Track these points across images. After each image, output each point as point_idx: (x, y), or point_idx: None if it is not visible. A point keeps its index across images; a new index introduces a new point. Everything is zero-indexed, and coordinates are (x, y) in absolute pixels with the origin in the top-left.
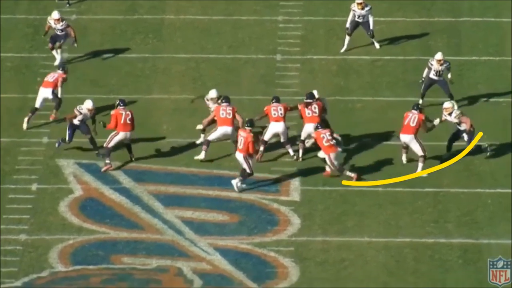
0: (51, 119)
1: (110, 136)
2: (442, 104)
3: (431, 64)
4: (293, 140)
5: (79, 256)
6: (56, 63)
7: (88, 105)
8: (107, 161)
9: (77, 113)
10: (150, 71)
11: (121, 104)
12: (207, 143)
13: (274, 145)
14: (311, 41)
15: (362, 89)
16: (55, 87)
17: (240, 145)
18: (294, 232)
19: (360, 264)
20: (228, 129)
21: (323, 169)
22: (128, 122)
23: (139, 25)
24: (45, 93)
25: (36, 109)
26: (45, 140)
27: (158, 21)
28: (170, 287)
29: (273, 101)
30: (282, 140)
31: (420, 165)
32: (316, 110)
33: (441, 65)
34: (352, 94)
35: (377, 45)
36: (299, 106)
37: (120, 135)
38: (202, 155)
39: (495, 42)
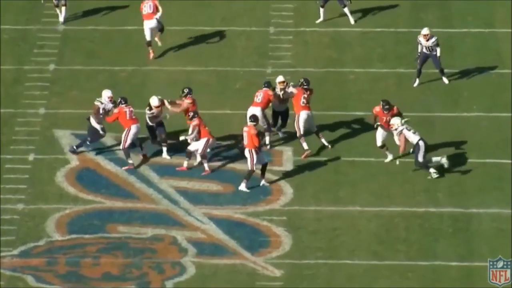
0: (157, 39)
1: (124, 136)
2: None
3: (420, 41)
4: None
5: (75, 225)
6: (61, 19)
7: (107, 94)
8: (130, 162)
9: (98, 104)
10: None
11: (123, 102)
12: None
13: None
14: (303, 14)
15: (354, 61)
16: (155, 15)
17: (245, 139)
18: (287, 202)
19: (351, 233)
20: None
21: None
22: (134, 116)
23: None
24: (149, 24)
25: (150, 42)
26: (41, 111)
27: None
28: (165, 255)
29: (264, 86)
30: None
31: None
32: (309, 98)
33: (427, 40)
34: (344, 66)
35: (351, 20)
36: (295, 90)
37: (133, 130)
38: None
39: (485, 15)
